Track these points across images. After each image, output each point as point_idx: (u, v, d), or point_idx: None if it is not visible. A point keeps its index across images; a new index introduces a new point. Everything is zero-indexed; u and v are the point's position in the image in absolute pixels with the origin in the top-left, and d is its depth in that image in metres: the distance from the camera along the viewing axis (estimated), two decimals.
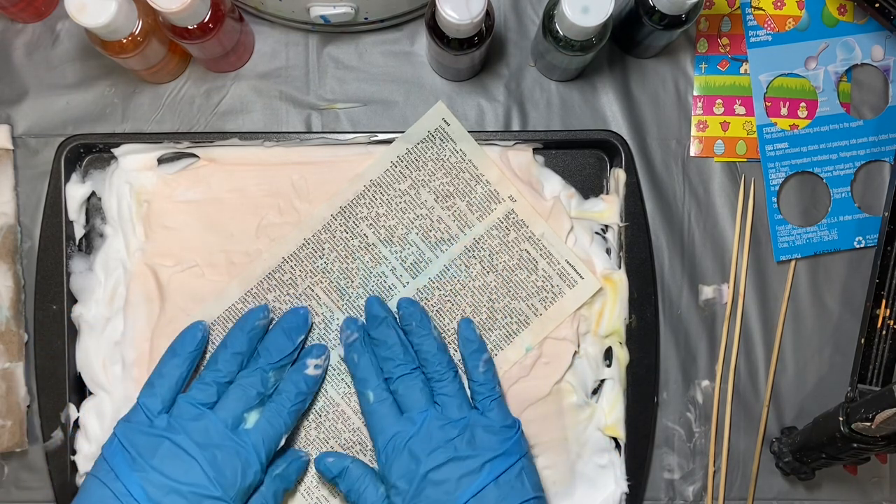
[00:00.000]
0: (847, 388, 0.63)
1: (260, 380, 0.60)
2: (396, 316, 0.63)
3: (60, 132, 0.68)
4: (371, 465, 0.62)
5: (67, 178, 0.66)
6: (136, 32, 0.60)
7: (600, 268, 0.66)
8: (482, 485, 0.57)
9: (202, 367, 0.62)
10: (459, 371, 0.62)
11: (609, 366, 0.66)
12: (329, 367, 0.64)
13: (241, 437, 0.58)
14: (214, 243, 0.66)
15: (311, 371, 0.62)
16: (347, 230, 0.66)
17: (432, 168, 0.66)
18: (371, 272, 0.65)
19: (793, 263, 0.69)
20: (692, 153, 0.70)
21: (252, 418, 0.59)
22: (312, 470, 0.64)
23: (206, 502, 0.56)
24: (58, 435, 0.64)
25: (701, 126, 0.70)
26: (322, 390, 0.64)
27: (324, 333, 0.65)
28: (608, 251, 0.67)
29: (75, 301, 0.65)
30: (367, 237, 0.66)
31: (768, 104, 0.70)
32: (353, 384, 0.63)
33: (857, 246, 0.69)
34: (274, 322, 0.64)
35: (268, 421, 0.59)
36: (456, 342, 0.64)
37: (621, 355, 0.66)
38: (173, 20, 0.59)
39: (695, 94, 0.70)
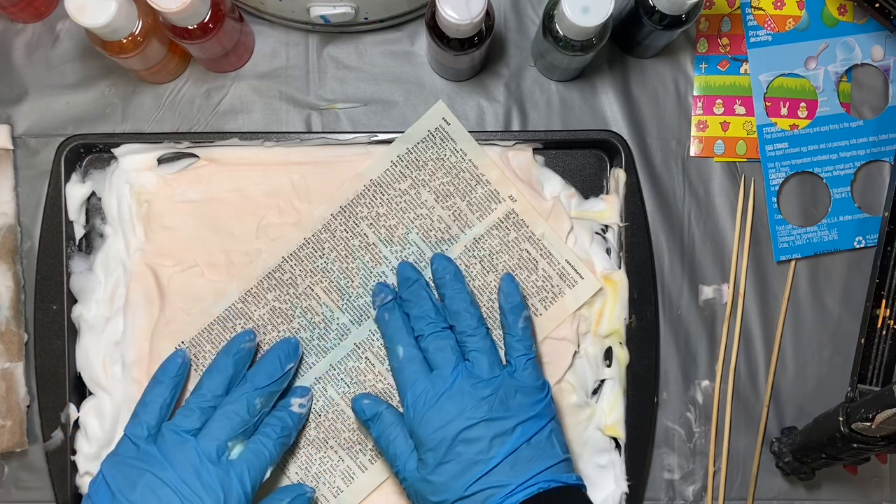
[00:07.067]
0: (847, 388, 0.63)
1: (245, 405, 0.59)
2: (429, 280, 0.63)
3: (60, 132, 0.68)
4: None
5: (67, 178, 0.66)
6: (136, 32, 0.60)
7: (600, 268, 0.66)
8: (515, 446, 0.57)
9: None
10: (491, 330, 0.62)
11: (609, 366, 0.66)
12: (328, 367, 0.65)
13: (224, 466, 0.58)
14: (214, 243, 0.66)
15: (295, 409, 0.62)
16: (347, 230, 0.66)
17: (432, 168, 0.66)
18: (371, 272, 0.65)
19: (793, 263, 0.69)
20: (692, 153, 0.70)
21: (237, 449, 0.59)
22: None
23: None
24: (58, 435, 0.64)
25: (701, 126, 0.70)
26: (322, 390, 0.64)
27: (324, 333, 0.65)
28: (608, 251, 0.67)
29: (75, 301, 0.65)
30: (367, 237, 0.66)
31: (768, 104, 0.70)
32: (384, 342, 0.63)
33: (857, 246, 0.69)
34: (261, 350, 0.64)
35: (252, 451, 0.59)
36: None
37: (621, 355, 0.66)
38: (173, 20, 0.59)
39: (695, 94, 0.70)
